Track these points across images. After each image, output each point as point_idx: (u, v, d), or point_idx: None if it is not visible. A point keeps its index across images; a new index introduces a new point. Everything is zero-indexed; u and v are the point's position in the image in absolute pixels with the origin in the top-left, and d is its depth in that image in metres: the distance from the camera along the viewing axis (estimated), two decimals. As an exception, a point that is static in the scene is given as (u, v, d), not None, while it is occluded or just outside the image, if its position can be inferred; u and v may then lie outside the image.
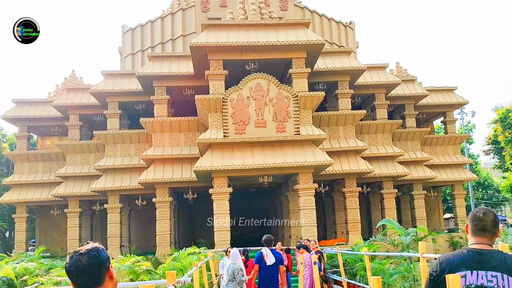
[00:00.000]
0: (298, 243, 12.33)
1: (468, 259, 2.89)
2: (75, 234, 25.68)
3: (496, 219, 3.02)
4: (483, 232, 2.96)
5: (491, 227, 2.96)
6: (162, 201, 22.08)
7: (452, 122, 30.19)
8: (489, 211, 3.04)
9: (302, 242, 12.42)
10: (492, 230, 2.96)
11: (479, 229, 2.97)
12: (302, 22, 20.85)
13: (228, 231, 19.24)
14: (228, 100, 19.42)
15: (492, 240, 2.97)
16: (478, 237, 2.97)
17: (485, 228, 2.96)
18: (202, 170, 18.74)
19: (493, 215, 3.02)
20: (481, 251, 2.89)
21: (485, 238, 2.95)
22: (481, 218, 2.98)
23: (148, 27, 28.32)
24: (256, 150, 19.45)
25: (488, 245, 2.93)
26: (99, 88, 24.08)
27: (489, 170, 50.41)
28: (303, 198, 19.64)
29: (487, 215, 2.99)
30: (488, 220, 2.97)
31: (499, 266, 2.80)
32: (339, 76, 23.35)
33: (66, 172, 25.57)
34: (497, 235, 3.00)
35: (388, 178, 24.71)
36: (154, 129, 22.22)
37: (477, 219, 2.99)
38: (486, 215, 2.99)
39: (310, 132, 19.52)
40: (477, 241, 2.96)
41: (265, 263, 9.00)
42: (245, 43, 19.51)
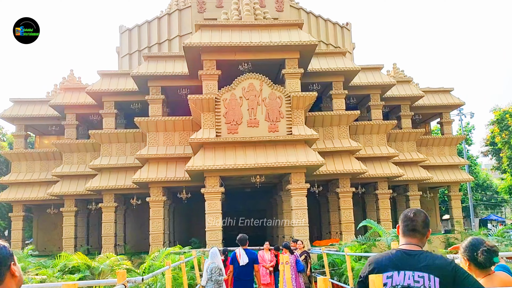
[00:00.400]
0: (283, 243, 12.40)
1: (396, 260, 2.89)
2: (71, 233, 25.81)
3: (427, 219, 3.04)
4: (413, 232, 2.97)
5: (421, 228, 2.98)
6: (156, 201, 22.17)
7: (448, 123, 30.18)
8: (419, 211, 3.06)
9: (288, 243, 12.48)
10: (422, 231, 2.98)
11: (410, 230, 2.98)
12: (296, 23, 20.93)
13: (220, 231, 19.31)
14: (221, 100, 19.51)
15: (422, 241, 2.99)
16: (408, 238, 2.98)
17: (415, 228, 2.97)
18: (193, 169, 18.82)
19: (423, 215, 3.05)
20: (409, 251, 2.90)
21: (415, 239, 2.96)
22: (411, 219, 3.00)
23: (145, 28, 28.44)
24: (248, 150, 19.53)
25: (418, 246, 2.94)
26: (95, 88, 24.22)
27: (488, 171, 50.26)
28: (295, 198, 19.71)
29: (417, 215, 3.02)
30: (418, 221, 2.99)
31: (427, 267, 2.81)
32: (334, 77, 23.41)
33: (63, 171, 25.70)
34: (428, 235, 3.03)
35: (382, 179, 24.75)
36: (148, 129, 22.33)
37: (407, 220, 3.02)
38: (416, 215, 3.01)
39: (302, 132, 19.58)
40: (407, 242, 2.97)
41: (238, 263, 9.05)
42: (238, 43, 19.60)
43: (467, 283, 2.72)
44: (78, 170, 25.81)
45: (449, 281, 2.76)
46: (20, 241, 27.45)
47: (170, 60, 23.14)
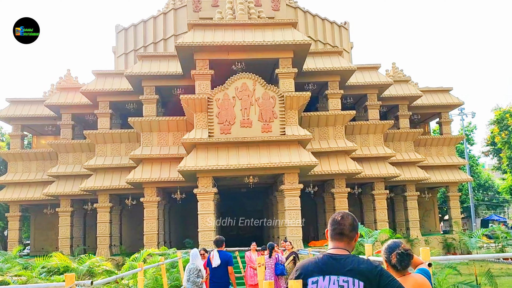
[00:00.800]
0: (269, 244, 12.23)
1: (322, 265, 2.82)
2: (67, 233, 25.78)
3: (354, 223, 2.96)
4: (341, 236, 2.90)
5: (349, 231, 2.90)
6: (150, 201, 22.07)
7: (447, 123, 29.94)
8: (347, 215, 2.98)
9: (274, 244, 12.32)
10: (349, 234, 2.90)
11: (337, 234, 2.91)
12: (289, 22, 20.77)
13: (213, 232, 19.15)
14: (213, 100, 19.37)
15: (350, 245, 2.91)
16: (335, 242, 2.91)
17: (342, 232, 2.89)
18: (186, 170, 18.70)
19: (351, 219, 2.96)
20: (336, 256, 2.83)
21: (342, 243, 2.89)
22: (339, 222, 2.93)
23: (141, 27, 28.33)
24: (241, 150, 19.38)
25: (345, 250, 2.87)
26: (90, 88, 24.14)
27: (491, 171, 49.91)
28: (288, 199, 19.56)
29: (345, 219, 2.94)
30: (346, 224, 2.91)
31: (352, 271, 2.75)
32: (329, 77, 23.23)
33: (58, 172, 25.66)
34: (356, 239, 2.96)
35: (379, 179, 24.55)
36: (142, 129, 22.22)
37: (335, 223, 2.94)
38: (344, 219, 2.93)
39: (295, 132, 19.42)
40: (334, 246, 2.90)
41: (211, 265, 8.98)
42: (231, 42, 19.47)
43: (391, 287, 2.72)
44: (74, 170, 25.75)
45: (373, 285, 2.73)
46: (17, 241, 27.41)
47: (164, 60, 23.03)
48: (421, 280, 3.41)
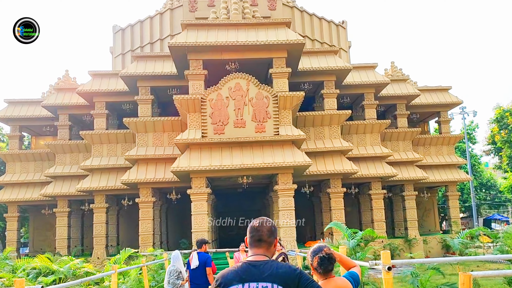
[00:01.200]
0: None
1: (241, 272, 2.83)
2: (64, 234, 25.79)
3: (272, 228, 2.98)
4: (259, 243, 2.93)
5: (267, 237, 2.93)
6: (145, 201, 22.05)
7: (446, 122, 29.74)
8: (265, 220, 3.01)
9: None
10: (268, 240, 2.93)
11: (255, 240, 2.94)
12: (283, 22, 20.68)
13: (206, 232, 19.08)
14: (207, 100, 19.31)
15: (269, 250, 2.93)
16: (254, 249, 2.94)
17: (261, 239, 2.92)
18: (179, 170, 18.66)
19: (269, 224, 2.99)
20: (254, 262, 2.85)
21: (261, 249, 2.92)
22: (256, 229, 2.96)
23: (138, 27, 28.31)
24: (235, 151, 19.32)
25: (264, 256, 2.89)
26: (86, 88, 24.15)
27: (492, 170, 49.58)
28: (282, 199, 19.47)
29: (262, 225, 2.97)
30: (264, 231, 2.94)
31: (271, 276, 2.77)
32: (325, 76, 23.13)
33: (55, 172, 25.68)
34: (275, 244, 2.98)
35: (376, 179, 24.42)
36: (137, 129, 22.21)
37: (253, 230, 2.97)
38: (261, 225, 2.96)
39: (289, 132, 19.33)
40: (254, 253, 2.93)
41: (190, 267, 8.97)
42: (224, 42, 19.40)
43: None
44: (71, 171, 25.76)
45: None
46: (15, 242, 27.50)
47: (160, 60, 23.01)
48: (342, 284, 3.50)
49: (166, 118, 22.20)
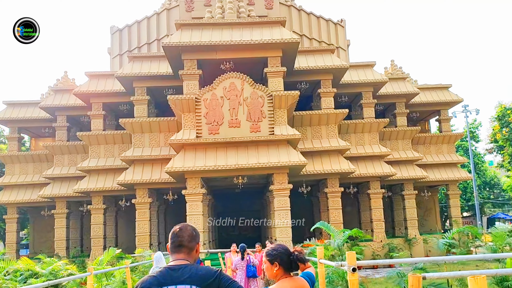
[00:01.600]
0: (240, 246, 12.07)
1: (160, 277, 2.87)
2: (62, 235, 25.76)
3: (194, 233, 3.03)
4: (180, 248, 2.97)
5: (188, 242, 2.98)
6: (142, 202, 21.99)
7: (446, 120, 29.48)
8: (186, 226, 3.05)
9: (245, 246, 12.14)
10: (188, 245, 2.98)
11: (176, 246, 2.98)
12: (278, 20, 20.54)
13: (202, 233, 18.99)
14: (201, 100, 19.21)
15: (190, 255, 2.98)
16: (175, 254, 2.99)
17: (181, 244, 2.97)
18: (173, 171, 18.58)
19: (190, 230, 3.03)
20: (174, 267, 2.89)
21: (181, 254, 2.96)
22: (177, 234, 3.00)
23: (135, 28, 28.27)
24: (230, 151, 19.20)
25: (185, 260, 2.94)
26: (83, 89, 24.12)
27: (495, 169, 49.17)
28: (278, 199, 19.33)
29: (183, 230, 3.01)
30: (184, 236, 2.98)
31: (190, 279, 2.82)
32: (322, 75, 22.96)
33: (53, 173, 25.68)
34: (197, 249, 3.03)
35: (374, 178, 24.22)
36: (134, 130, 22.15)
37: (174, 236, 3.01)
38: (182, 230, 3.01)
39: (284, 132, 19.19)
40: (174, 258, 2.97)
41: None
42: (218, 42, 19.29)
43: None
44: (69, 172, 25.75)
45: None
46: (14, 243, 27.53)
47: (156, 60, 22.92)
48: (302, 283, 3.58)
49: (162, 119, 22.13)
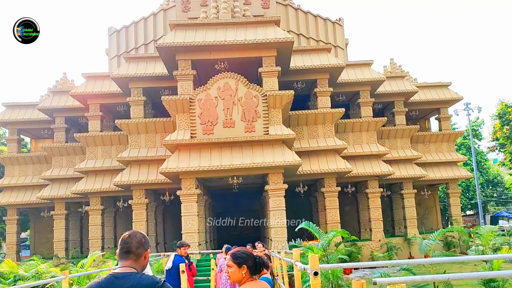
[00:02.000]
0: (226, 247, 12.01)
1: (103, 284, 2.88)
2: (61, 236, 25.82)
3: (143, 240, 3.03)
4: (127, 254, 2.97)
5: (135, 249, 2.98)
6: (139, 203, 22.00)
7: (446, 118, 29.28)
8: (135, 233, 3.06)
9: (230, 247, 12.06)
10: (136, 252, 2.98)
11: (123, 252, 2.98)
12: (272, 20, 20.47)
13: (196, 233, 18.99)
14: (195, 101, 19.17)
15: (137, 262, 2.98)
16: (122, 261, 2.99)
17: (129, 250, 2.97)
18: (167, 171, 18.55)
19: (139, 236, 3.04)
20: (119, 274, 2.90)
21: (128, 261, 2.97)
22: (125, 241, 3.00)
23: (132, 29, 28.26)
24: (224, 151, 19.16)
25: (132, 268, 2.94)
26: (80, 91, 24.16)
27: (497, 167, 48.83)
28: (273, 199, 19.27)
29: (132, 237, 3.01)
30: (132, 242, 2.98)
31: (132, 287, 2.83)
32: (318, 74, 22.86)
33: (52, 175, 25.74)
34: (145, 255, 3.03)
35: (372, 177, 24.12)
36: (130, 131, 22.15)
37: (122, 242, 3.01)
38: (131, 237, 3.01)
39: (279, 131, 19.11)
40: (121, 265, 2.98)
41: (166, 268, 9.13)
42: (212, 42, 19.24)
43: None
44: (68, 173, 25.80)
45: None
46: (14, 244, 27.63)
47: (151, 61, 22.90)
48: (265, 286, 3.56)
49: (158, 119, 22.12)
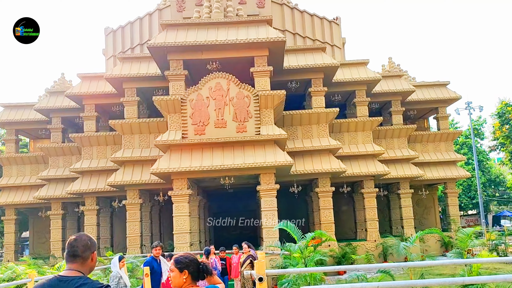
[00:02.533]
0: (205, 249, 11.99)
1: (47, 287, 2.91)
2: (58, 236, 25.89)
3: (89, 243, 3.08)
4: (73, 258, 3.02)
5: (82, 252, 3.02)
6: (132, 203, 21.99)
7: (444, 118, 29.07)
8: (81, 236, 3.10)
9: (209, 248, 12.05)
10: (82, 255, 3.02)
11: (70, 256, 3.03)
12: (264, 19, 20.37)
13: (188, 234, 18.94)
14: (187, 101, 19.12)
15: (84, 265, 3.03)
16: (68, 264, 3.03)
17: (75, 254, 3.01)
18: (159, 172, 18.52)
19: (85, 239, 3.08)
20: (63, 277, 2.93)
21: (74, 264, 3.01)
22: (71, 244, 3.04)
23: (128, 29, 28.26)
24: (216, 151, 19.09)
25: (77, 271, 2.98)
26: (75, 91, 24.20)
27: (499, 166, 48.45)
28: (265, 199, 19.20)
29: (78, 240, 3.06)
30: (78, 246, 3.03)
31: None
32: (312, 74, 22.72)
33: (48, 175, 25.82)
34: (93, 258, 3.09)
35: (368, 177, 24.00)
36: (123, 131, 22.14)
37: (68, 246, 3.06)
38: (77, 240, 3.05)
39: (271, 132, 19.02)
40: (68, 268, 3.02)
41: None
42: (204, 42, 19.18)
43: None
44: (64, 174, 25.87)
45: None
46: (13, 244, 27.74)
47: (145, 61, 22.86)
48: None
49: (152, 120, 22.11)
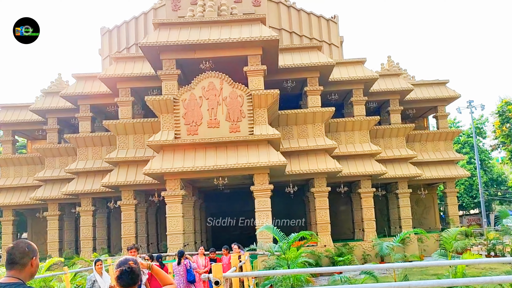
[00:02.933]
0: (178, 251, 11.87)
1: None
2: (55, 237, 25.86)
3: (27, 249, 3.06)
4: (12, 265, 3.03)
5: (20, 259, 3.02)
6: (127, 204, 21.85)
7: (443, 117, 28.81)
8: (18, 243, 3.08)
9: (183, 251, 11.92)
10: (20, 262, 3.02)
11: (8, 263, 3.04)
12: (257, 18, 20.18)
13: (181, 235, 18.79)
14: (179, 101, 18.96)
15: (22, 272, 3.02)
16: (7, 271, 3.05)
17: (13, 261, 3.02)
18: (151, 172, 18.38)
19: (23, 246, 3.06)
20: (1, 284, 2.94)
21: (12, 271, 3.02)
22: (9, 252, 3.06)
23: (124, 28, 28.14)
24: (209, 151, 18.93)
25: (15, 278, 2.98)
26: (70, 92, 24.10)
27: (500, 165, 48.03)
28: (258, 200, 19.05)
29: (15, 248, 3.06)
30: (16, 253, 3.03)
31: None
32: (308, 73, 22.52)
33: (45, 176, 25.77)
34: (32, 264, 3.05)
35: (365, 177, 23.77)
36: (118, 132, 22.02)
37: (7, 253, 3.06)
38: (14, 248, 3.06)
39: (264, 132, 18.83)
40: (6, 275, 3.03)
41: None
42: (196, 41, 19.01)
43: None
44: (60, 174, 25.79)
45: None
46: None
47: (139, 61, 22.71)
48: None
49: (146, 120, 21.98)
